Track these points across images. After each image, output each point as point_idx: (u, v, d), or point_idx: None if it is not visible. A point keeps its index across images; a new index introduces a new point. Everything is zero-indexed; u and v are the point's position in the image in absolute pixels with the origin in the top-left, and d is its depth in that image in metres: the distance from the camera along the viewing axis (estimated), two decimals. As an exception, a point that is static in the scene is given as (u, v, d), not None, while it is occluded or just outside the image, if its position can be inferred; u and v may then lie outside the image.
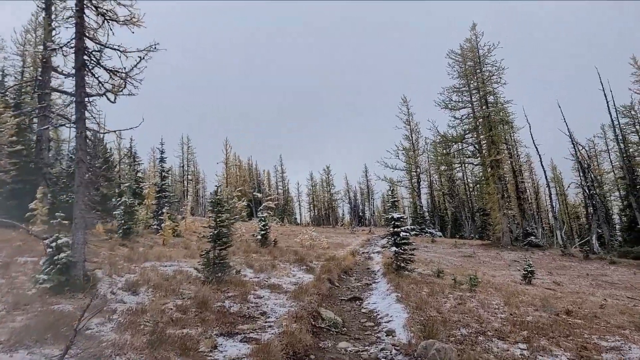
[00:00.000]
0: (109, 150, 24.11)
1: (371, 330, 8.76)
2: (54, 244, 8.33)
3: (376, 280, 15.00)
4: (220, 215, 10.90)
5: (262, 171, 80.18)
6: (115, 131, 23.43)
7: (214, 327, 6.95)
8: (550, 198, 40.70)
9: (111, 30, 9.02)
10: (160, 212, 26.95)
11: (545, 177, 39.10)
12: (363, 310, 10.57)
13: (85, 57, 8.86)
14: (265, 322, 7.90)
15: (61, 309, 6.92)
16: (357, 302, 11.59)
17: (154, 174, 62.34)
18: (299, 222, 75.92)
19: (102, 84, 9.70)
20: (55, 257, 8.11)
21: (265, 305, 8.97)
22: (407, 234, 15.98)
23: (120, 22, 9.05)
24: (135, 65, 9.23)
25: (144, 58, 9.13)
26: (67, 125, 26.04)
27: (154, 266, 12.44)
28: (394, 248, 15.93)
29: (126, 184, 21.86)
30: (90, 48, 8.85)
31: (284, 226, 52.53)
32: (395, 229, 15.93)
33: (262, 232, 21.91)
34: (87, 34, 8.74)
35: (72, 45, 8.54)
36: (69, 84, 9.17)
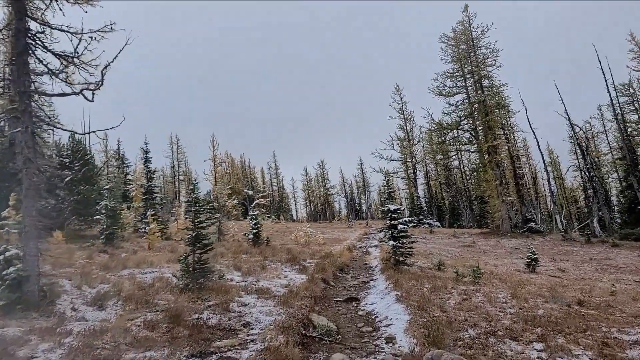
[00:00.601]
0: (89, 152, 22.98)
1: (369, 337, 7.82)
2: (1, 257, 7.31)
3: (374, 277, 14.07)
4: (198, 215, 9.92)
5: (255, 169, 79.29)
6: (93, 132, 22.27)
7: (184, 347, 5.98)
8: (549, 182, 39.85)
9: (61, 10, 7.96)
10: (146, 214, 25.92)
11: (543, 160, 38.20)
12: (360, 313, 9.62)
13: (29, 40, 7.82)
14: (248, 335, 6.94)
15: (5, 333, 5.91)
16: (354, 303, 10.65)
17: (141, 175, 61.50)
18: (295, 218, 74.96)
19: (71, 82, 8.64)
20: (4, 272, 7.10)
21: (249, 315, 8.00)
22: (405, 226, 15.05)
23: (71, 2, 7.99)
24: (86, 47, 8.19)
25: (95, 39, 8.09)
26: (43, 126, 24.96)
27: (132, 274, 11.44)
28: (391, 242, 15.00)
29: (106, 187, 20.75)
30: (34, 30, 7.81)
31: (280, 223, 51.57)
32: (392, 222, 15.00)
33: (254, 230, 20.92)
34: (31, 14, 7.69)
35: (12, 26, 7.48)
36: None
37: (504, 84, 33.95)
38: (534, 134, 36.65)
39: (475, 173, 43.58)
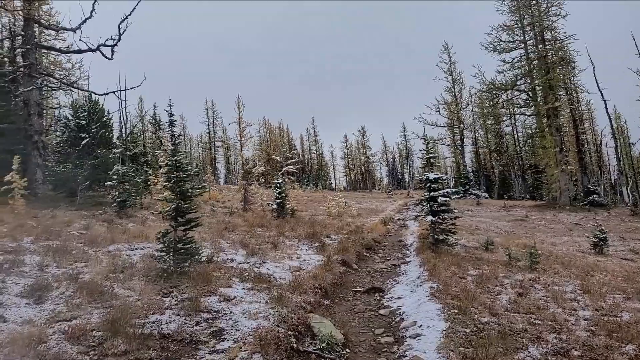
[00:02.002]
0: (107, 114, 21.53)
1: (388, 354, 5.70)
2: None
3: (407, 260, 11.83)
4: (180, 183, 7.96)
5: (293, 135, 77.36)
6: (112, 92, 20.73)
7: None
8: (616, 151, 35.72)
9: None
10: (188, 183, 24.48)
11: (611, 125, 34.09)
12: (382, 312, 7.46)
13: None
14: (211, 351, 4.95)
15: None
16: (377, 295, 8.51)
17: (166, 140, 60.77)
18: (334, 187, 72.98)
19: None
20: None
21: (227, 317, 6.01)
22: (447, 198, 12.61)
23: None
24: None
25: None
26: (56, 85, 23.77)
27: (118, 251, 9.73)
28: (429, 217, 12.65)
29: (118, 150, 19.28)
30: None
31: (317, 192, 49.77)
32: (432, 193, 12.60)
33: (278, 200, 18.99)
34: None
35: None
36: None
37: (570, 36, 29.83)
38: (602, 95, 32.56)
39: (531, 139, 39.80)
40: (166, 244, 7.63)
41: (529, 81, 32.49)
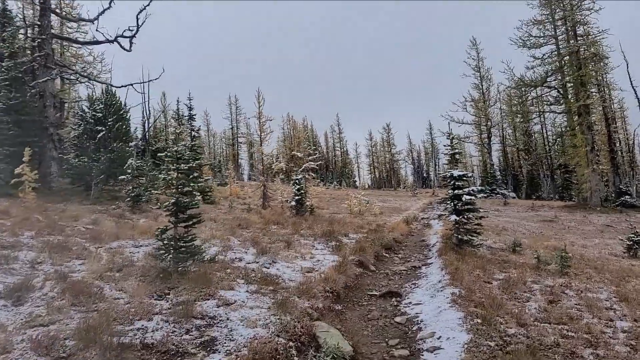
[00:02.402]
0: (124, 107, 21.28)
1: (401, 372, 5.04)
2: None
3: (428, 261, 11.09)
4: (182, 175, 7.42)
5: (318, 133, 76.67)
6: (131, 85, 20.39)
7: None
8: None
9: None
10: (191, 176, 24.14)
11: (645, 124, 32.53)
12: (398, 319, 6.77)
13: None
14: (198, 366, 4.37)
15: None
16: (393, 300, 7.82)
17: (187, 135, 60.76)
18: (357, 185, 72.04)
19: None
20: None
21: (222, 324, 5.41)
22: (472, 197, 11.81)
23: None
24: None
25: None
26: (73, 78, 23.66)
27: (122, 247, 9.28)
28: (453, 216, 11.86)
29: (132, 143, 18.95)
30: None
31: (340, 190, 49.09)
32: (456, 191, 11.81)
33: (297, 197, 18.40)
34: None
35: None
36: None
37: (604, 31, 28.34)
38: (636, 93, 31.06)
39: (560, 138, 38.27)
40: (165, 242, 7.10)
41: (559, 78, 31.11)
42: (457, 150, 12.55)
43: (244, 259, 9.20)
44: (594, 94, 30.84)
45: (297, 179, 18.71)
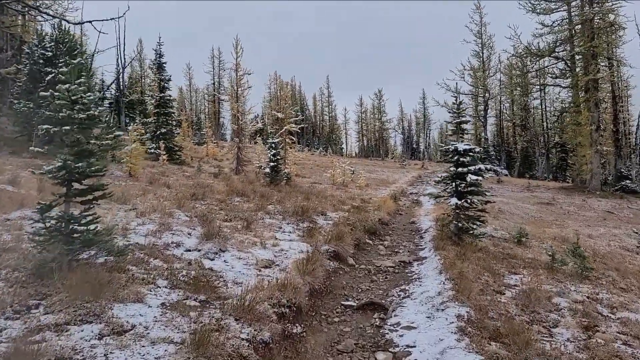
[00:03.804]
0: (79, 45, 18.53)
1: None
2: None
3: (421, 255, 8.99)
4: (77, 128, 5.10)
5: (308, 95, 73.49)
6: (89, 22, 17.67)
7: None
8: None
9: None
10: (158, 133, 21.67)
11: (653, 105, 30.57)
12: (380, 358, 4.66)
13: None
14: None
15: None
16: (376, 317, 5.69)
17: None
18: (345, 152, 69.71)
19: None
20: None
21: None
22: (479, 177, 9.64)
23: None
24: None
25: None
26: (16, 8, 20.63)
27: (22, 219, 7.00)
28: (454, 200, 9.71)
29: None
30: None
31: (326, 156, 46.82)
32: (460, 169, 9.63)
33: (272, 164, 16.07)
34: None
35: None
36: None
37: (624, -3, 25.72)
38: (647, 71, 28.99)
39: (562, 115, 36.11)
40: (48, 225, 4.82)
41: (568, 49, 28.71)
42: (463, 119, 10.31)
43: (182, 245, 6.97)
44: (604, 68, 28.57)
45: (273, 143, 16.33)
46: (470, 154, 9.73)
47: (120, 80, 42.33)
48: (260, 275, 6.16)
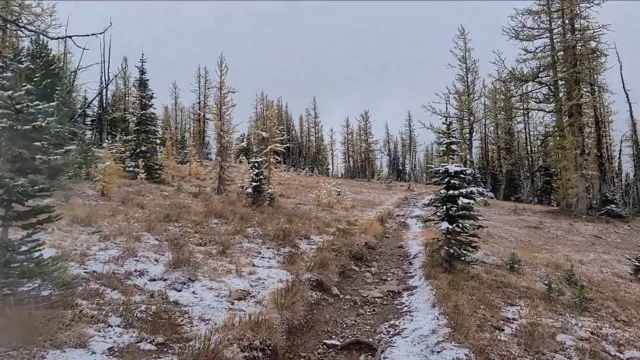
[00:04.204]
0: (56, 60, 17.84)
1: None
2: None
3: (411, 283, 8.34)
4: (22, 141, 4.41)
5: (294, 116, 73.12)
6: (69, 37, 17.04)
7: None
8: (636, 157, 32.31)
9: None
10: (138, 151, 20.90)
11: (634, 130, 30.79)
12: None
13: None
14: None
15: None
16: (362, 359, 5.03)
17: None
18: (331, 172, 69.15)
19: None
20: None
21: None
22: (471, 200, 9.09)
23: None
24: None
25: None
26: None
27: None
28: (445, 224, 9.14)
29: (52, 104, 15.53)
30: None
31: (312, 177, 46.21)
32: (450, 192, 9.08)
33: (255, 183, 15.37)
34: None
35: None
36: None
37: (604, 26, 25.91)
38: (627, 97, 29.35)
39: (546, 139, 36.10)
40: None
41: (551, 74, 28.83)
42: (454, 139, 9.81)
43: (147, 274, 6.23)
44: (587, 93, 28.70)
45: (256, 162, 15.65)
46: (462, 175, 9.20)
47: (104, 97, 41.58)
48: (232, 310, 5.45)
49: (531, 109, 33.56)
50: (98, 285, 5.41)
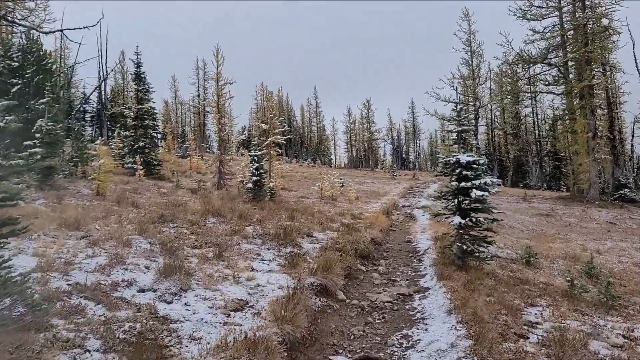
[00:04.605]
0: (48, 55, 17.20)
1: None
2: None
3: (422, 284, 7.78)
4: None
5: (295, 106, 72.24)
6: (60, 31, 16.62)
7: None
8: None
9: None
10: (136, 146, 20.38)
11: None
12: None
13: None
14: None
15: None
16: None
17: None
18: (333, 163, 68.44)
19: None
20: None
21: None
22: (485, 192, 8.48)
23: None
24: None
25: None
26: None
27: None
28: (457, 219, 8.54)
29: (44, 100, 14.75)
30: None
31: (314, 168, 45.63)
32: (462, 184, 8.47)
33: (255, 178, 14.80)
34: None
35: None
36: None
37: (617, 2, 24.92)
38: (641, 76, 28.31)
39: (556, 122, 35.29)
40: None
41: (561, 55, 27.91)
42: (465, 127, 9.18)
43: (135, 284, 5.70)
44: (599, 74, 27.76)
45: (255, 156, 15.05)
46: (474, 166, 8.59)
47: (102, 92, 41.04)
48: (227, 324, 4.91)
49: (540, 92, 32.69)
50: (80, 300, 4.89)
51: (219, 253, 7.37)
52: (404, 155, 74.58)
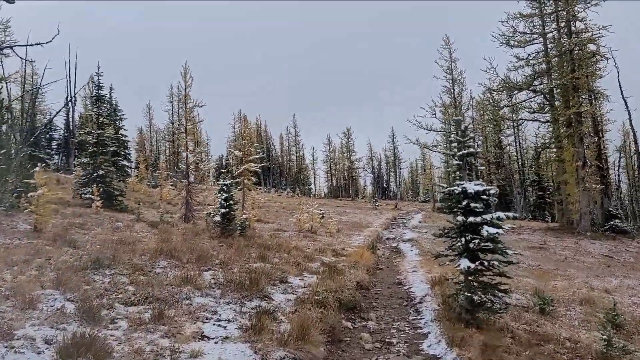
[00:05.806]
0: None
1: None
2: None
3: (427, 350, 6.04)
4: None
5: (274, 134, 70.73)
6: (10, 47, 15.22)
7: None
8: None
9: None
10: (95, 175, 18.40)
11: (635, 140, 29.33)
12: None
13: None
14: None
15: None
16: None
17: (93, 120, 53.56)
18: (313, 193, 66.66)
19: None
20: None
21: None
22: (498, 229, 6.87)
23: None
24: None
25: None
26: None
27: None
28: (465, 262, 6.88)
29: None
30: None
31: (294, 197, 43.90)
32: (470, 218, 6.86)
33: (224, 210, 12.99)
34: None
35: None
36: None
37: (604, 27, 24.24)
38: (626, 105, 27.81)
39: (542, 151, 34.45)
40: None
41: (546, 82, 27.15)
42: (472, 150, 7.62)
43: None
44: (586, 100, 26.98)
45: (224, 185, 13.27)
46: (484, 197, 7.01)
47: (70, 119, 39.02)
48: None
49: (524, 120, 31.78)
50: None
51: (160, 313, 5.51)
52: (384, 185, 73.38)
